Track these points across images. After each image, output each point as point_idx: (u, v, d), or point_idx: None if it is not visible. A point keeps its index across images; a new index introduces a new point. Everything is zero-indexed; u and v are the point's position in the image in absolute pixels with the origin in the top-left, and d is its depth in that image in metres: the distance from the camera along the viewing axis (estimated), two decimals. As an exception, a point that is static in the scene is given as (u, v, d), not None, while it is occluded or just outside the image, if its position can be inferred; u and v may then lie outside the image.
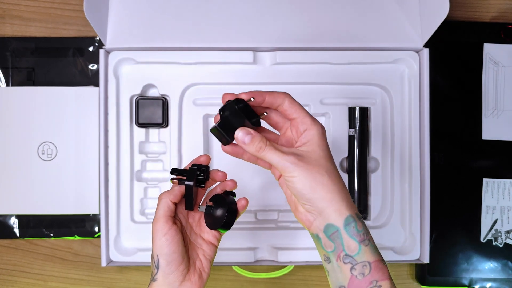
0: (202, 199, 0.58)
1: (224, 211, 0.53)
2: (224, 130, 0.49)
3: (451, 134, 0.78)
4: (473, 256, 0.77)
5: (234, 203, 0.55)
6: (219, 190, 0.57)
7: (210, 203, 0.55)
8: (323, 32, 0.73)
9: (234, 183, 0.56)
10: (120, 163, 0.74)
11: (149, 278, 0.80)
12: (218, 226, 0.54)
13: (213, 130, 0.50)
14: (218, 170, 0.56)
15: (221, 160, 0.76)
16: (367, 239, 0.45)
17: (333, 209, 0.45)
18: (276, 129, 0.53)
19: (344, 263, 0.45)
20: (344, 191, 0.47)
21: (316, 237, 0.47)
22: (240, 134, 0.48)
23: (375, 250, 0.46)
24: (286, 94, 0.50)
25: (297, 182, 0.46)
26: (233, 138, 0.50)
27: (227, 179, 0.56)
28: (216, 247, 0.56)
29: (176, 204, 0.53)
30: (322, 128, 0.49)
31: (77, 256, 0.79)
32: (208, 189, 0.58)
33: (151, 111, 0.74)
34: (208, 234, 0.55)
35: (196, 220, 0.57)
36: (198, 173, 0.54)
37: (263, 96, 0.49)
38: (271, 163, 0.47)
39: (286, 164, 0.46)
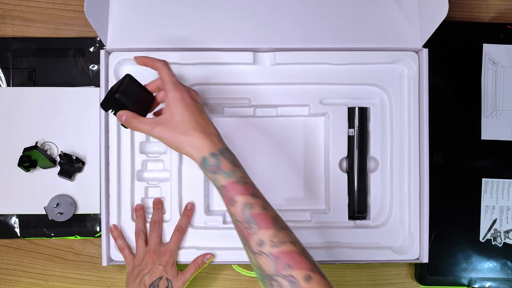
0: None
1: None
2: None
3: (450, 134, 0.78)
4: (472, 256, 0.78)
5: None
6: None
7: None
8: (323, 32, 0.73)
9: None
10: (121, 163, 0.74)
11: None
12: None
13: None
14: None
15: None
16: (219, 169, 0.57)
17: (192, 156, 0.59)
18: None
19: (216, 187, 0.58)
20: (202, 136, 0.58)
21: None
22: (120, 117, 0.62)
23: (230, 175, 0.57)
24: (164, 62, 0.63)
25: (168, 144, 0.60)
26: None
27: None
28: None
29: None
30: (177, 93, 0.60)
31: (78, 255, 0.79)
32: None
33: None
34: None
35: None
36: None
37: (143, 60, 0.64)
38: (143, 132, 0.61)
39: (153, 134, 0.59)
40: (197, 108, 0.60)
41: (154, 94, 0.65)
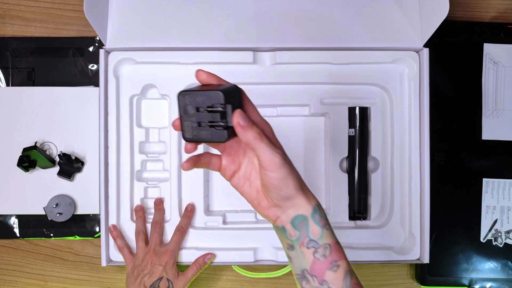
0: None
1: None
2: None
3: (451, 134, 0.78)
4: (473, 256, 0.77)
5: None
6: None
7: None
8: (323, 32, 0.73)
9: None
10: (120, 163, 0.74)
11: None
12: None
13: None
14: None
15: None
16: (327, 223, 0.49)
17: (303, 202, 0.48)
18: None
19: (308, 248, 0.48)
20: (305, 185, 0.50)
21: (281, 229, 0.50)
22: (240, 115, 0.45)
23: (333, 233, 0.49)
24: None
25: (279, 179, 0.46)
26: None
27: None
28: None
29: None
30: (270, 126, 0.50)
31: (77, 256, 0.79)
32: None
33: None
34: None
35: None
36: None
37: (216, 79, 0.48)
38: (260, 154, 0.46)
39: (275, 160, 0.46)
40: (286, 156, 0.49)
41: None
